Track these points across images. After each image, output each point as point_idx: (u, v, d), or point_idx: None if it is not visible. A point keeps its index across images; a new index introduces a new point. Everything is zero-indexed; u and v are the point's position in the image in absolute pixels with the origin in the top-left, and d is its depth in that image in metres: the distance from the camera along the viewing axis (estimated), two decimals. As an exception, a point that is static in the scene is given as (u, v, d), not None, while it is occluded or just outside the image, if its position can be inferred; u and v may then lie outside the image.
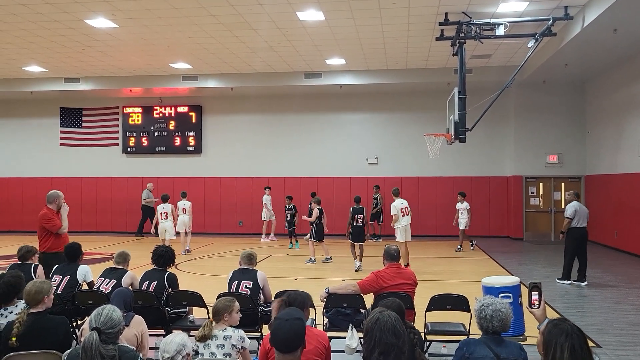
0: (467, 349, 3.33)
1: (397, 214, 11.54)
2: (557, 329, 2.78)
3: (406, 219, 11.63)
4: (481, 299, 3.59)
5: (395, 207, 11.60)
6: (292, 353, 2.94)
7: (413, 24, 11.95)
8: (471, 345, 3.36)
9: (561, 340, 2.72)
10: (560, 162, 17.23)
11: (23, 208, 20.10)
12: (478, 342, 3.37)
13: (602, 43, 12.09)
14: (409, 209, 11.76)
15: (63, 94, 18.87)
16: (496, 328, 3.39)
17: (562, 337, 2.73)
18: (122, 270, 6.14)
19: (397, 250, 5.76)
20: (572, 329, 2.77)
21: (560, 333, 2.75)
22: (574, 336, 2.73)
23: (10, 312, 4.49)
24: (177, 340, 3.41)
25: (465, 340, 3.49)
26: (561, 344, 2.71)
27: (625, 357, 5.99)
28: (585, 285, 9.97)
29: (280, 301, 3.80)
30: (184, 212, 14.48)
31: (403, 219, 11.57)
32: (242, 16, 11.43)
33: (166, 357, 3.33)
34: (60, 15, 11.39)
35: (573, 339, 2.72)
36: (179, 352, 3.35)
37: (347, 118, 18.77)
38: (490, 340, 3.36)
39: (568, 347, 2.70)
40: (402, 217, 11.56)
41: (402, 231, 11.54)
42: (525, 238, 17.36)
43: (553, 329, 2.80)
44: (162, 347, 3.41)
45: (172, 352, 3.34)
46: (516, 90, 16.81)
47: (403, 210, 11.60)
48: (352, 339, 4.87)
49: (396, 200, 11.77)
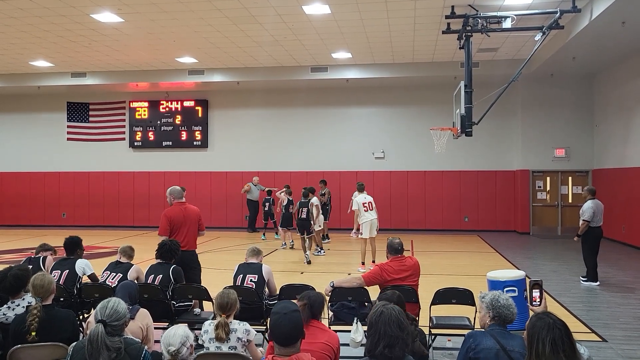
0: (473, 340, 3.36)
1: (357, 208, 11.21)
2: (540, 322, 2.81)
3: (370, 214, 11.20)
4: (487, 293, 3.62)
5: (357, 202, 11.27)
6: (293, 345, 2.96)
7: (419, 17, 11.89)
8: (477, 336, 3.39)
9: (543, 334, 2.75)
10: (567, 156, 17.13)
11: (31, 202, 20.26)
12: (484, 334, 3.40)
13: (611, 36, 11.98)
14: (373, 204, 11.31)
15: (70, 88, 18.94)
16: (508, 317, 3.45)
17: (544, 331, 2.75)
18: (128, 264, 6.18)
19: (401, 243, 5.75)
20: (554, 322, 2.78)
21: (542, 327, 2.78)
22: (556, 330, 2.75)
23: (18, 304, 4.51)
24: (180, 333, 3.38)
25: (472, 332, 3.51)
26: (542, 337, 2.74)
27: (631, 352, 5.97)
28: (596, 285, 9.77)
29: (303, 305, 3.80)
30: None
31: (366, 214, 11.16)
32: (248, 10, 11.41)
33: (172, 350, 3.31)
34: (67, 10, 11.43)
35: (554, 333, 2.74)
36: (183, 344, 3.33)
37: (353, 112, 18.74)
38: (497, 332, 3.40)
39: (549, 341, 2.72)
40: (365, 212, 11.19)
41: (366, 227, 11.10)
42: (532, 232, 17.30)
43: (536, 322, 2.82)
44: (166, 341, 3.37)
45: (177, 345, 3.32)
46: (523, 83, 16.71)
47: (366, 205, 11.21)
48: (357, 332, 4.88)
49: (359, 195, 11.52)
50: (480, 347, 3.30)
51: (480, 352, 3.28)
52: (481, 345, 3.30)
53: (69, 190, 20.18)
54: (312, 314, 3.78)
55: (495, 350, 3.26)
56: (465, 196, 17.95)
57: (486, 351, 3.27)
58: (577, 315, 7.47)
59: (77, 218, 20.02)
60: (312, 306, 3.82)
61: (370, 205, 11.28)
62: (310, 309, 3.78)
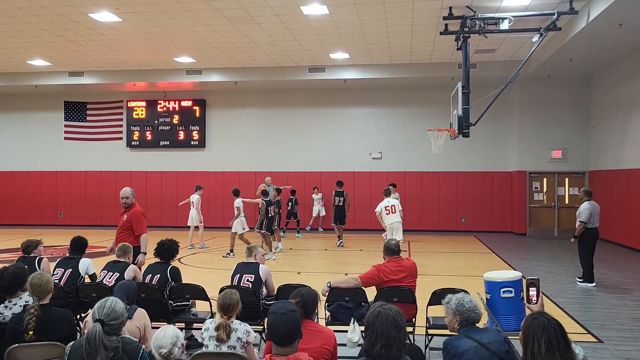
0: (452, 347, 3.41)
1: (379, 211, 11.38)
2: (535, 322, 2.82)
3: (392, 217, 11.27)
4: (451, 297, 3.70)
5: (380, 205, 11.47)
6: (290, 345, 2.97)
7: (417, 18, 11.91)
8: (454, 341, 3.45)
9: (538, 334, 2.76)
10: (564, 158, 17.18)
11: (27, 202, 20.22)
12: (459, 337, 3.47)
13: (608, 38, 12.03)
14: (396, 207, 11.36)
15: (67, 87, 18.91)
16: (475, 319, 3.57)
17: (539, 331, 2.77)
18: (125, 263, 6.16)
19: (397, 244, 5.77)
20: (549, 322, 2.80)
21: (537, 327, 2.79)
22: (551, 330, 2.76)
23: (15, 304, 4.51)
24: (170, 333, 3.33)
25: (447, 340, 3.54)
26: (538, 337, 2.75)
27: (626, 353, 5.99)
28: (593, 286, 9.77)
29: (296, 302, 3.80)
30: (192, 205, 14.46)
31: (388, 217, 11.28)
32: (246, 10, 11.42)
33: (163, 352, 3.25)
34: (65, 9, 11.41)
35: (549, 333, 2.75)
36: (174, 345, 3.29)
37: (351, 112, 18.75)
38: (469, 331, 3.49)
39: (545, 341, 2.73)
40: (387, 215, 11.31)
41: (389, 230, 11.28)
42: (528, 233, 17.35)
43: (531, 322, 2.84)
44: (156, 343, 3.30)
45: (168, 346, 3.27)
46: (520, 85, 16.76)
47: (388, 208, 11.35)
48: (354, 332, 4.90)
49: (385, 199, 11.64)
50: (460, 350, 3.36)
51: (463, 355, 3.33)
52: (461, 348, 3.36)
53: (66, 189, 20.15)
54: (305, 312, 3.78)
55: (474, 348, 3.33)
56: (462, 197, 17.99)
57: (467, 352, 3.33)
58: (573, 316, 7.50)
59: (73, 217, 19.98)
60: (306, 304, 3.82)
61: (393, 209, 11.34)
62: (304, 307, 3.78)
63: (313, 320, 3.92)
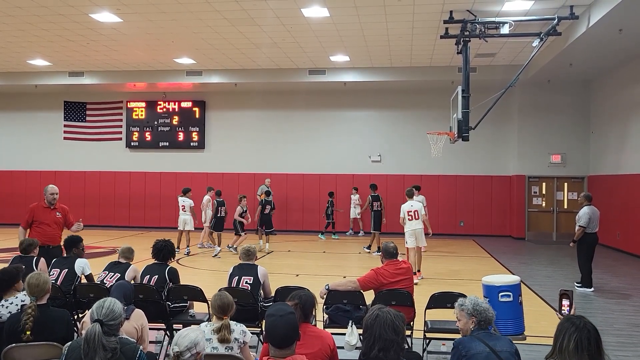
0: (462, 347, 3.37)
1: (402, 216, 10.66)
2: (570, 321, 2.93)
3: (414, 224, 10.51)
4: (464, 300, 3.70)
5: (403, 210, 10.70)
6: (288, 347, 2.97)
7: (418, 21, 11.92)
8: (466, 343, 3.41)
9: (570, 330, 2.85)
10: (563, 162, 17.19)
11: (27, 201, 20.09)
12: (472, 339, 3.43)
13: (608, 43, 12.05)
14: (419, 212, 10.56)
15: (67, 87, 18.91)
16: (490, 319, 3.57)
17: (572, 328, 2.86)
18: (126, 264, 6.16)
19: (395, 247, 5.77)
20: (584, 324, 2.88)
21: (571, 325, 2.89)
22: (584, 331, 2.84)
23: (11, 302, 4.49)
24: (191, 336, 3.26)
25: (459, 339, 3.51)
26: (569, 334, 2.84)
27: (625, 358, 5.99)
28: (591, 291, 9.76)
29: (294, 304, 3.79)
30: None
31: (410, 223, 10.52)
32: (247, 12, 11.43)
33: (175, 350, 3.22)
34: (65, 9, 11.41)
35: (582, 333, 2.83)
36: (189, 349, 3.22)
37: (351, 115, 18.76)
38: (483, 335, 3.45)
39: (575, 339, 2.81)
40: (410, 220, 10.54)
41: (408, 236, 10.51)
42: (527, 238, 17.34)
43: (566, 322, 2.94)
44: (175, 340, 3.28)
45: (182, 348, 3.22)
46: (520, 89, 16.77)
47: (411, 213, 10.56)
48: (351, 335, 4.90)
49: (406, 203, 10.83)
50: (471, 352, 3.32)
51: (472, 358, 3.30)
52: (472, 350, 3.32)
53: (65, 189, 19.97)
54: (303, 315, 3.77)
55: (486, 353, 3.29)
56: (461, 201, 17.98)
57: (477, 356, 3.29)
58: (571, 320, 7.48)
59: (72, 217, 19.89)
60: (304, 306, 3.81)
61: (415, 214, 10.57)
62: (302, 309, 3.78)
63: (311, 323, 3.91)
